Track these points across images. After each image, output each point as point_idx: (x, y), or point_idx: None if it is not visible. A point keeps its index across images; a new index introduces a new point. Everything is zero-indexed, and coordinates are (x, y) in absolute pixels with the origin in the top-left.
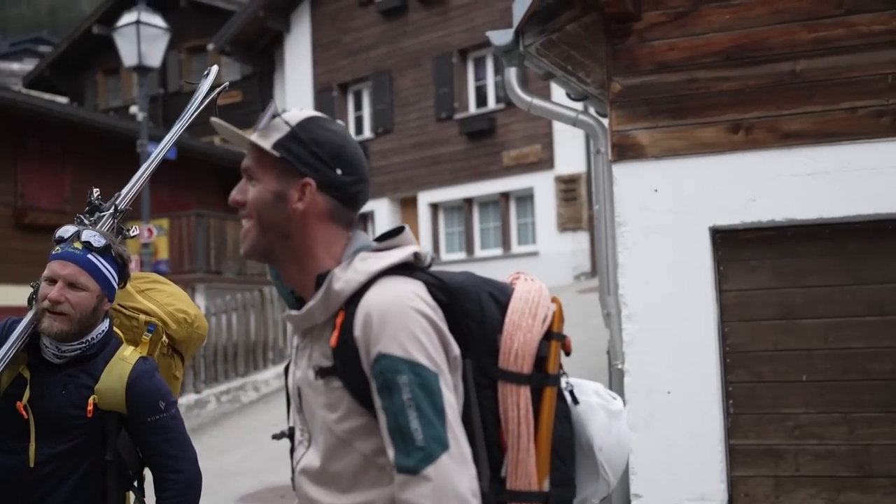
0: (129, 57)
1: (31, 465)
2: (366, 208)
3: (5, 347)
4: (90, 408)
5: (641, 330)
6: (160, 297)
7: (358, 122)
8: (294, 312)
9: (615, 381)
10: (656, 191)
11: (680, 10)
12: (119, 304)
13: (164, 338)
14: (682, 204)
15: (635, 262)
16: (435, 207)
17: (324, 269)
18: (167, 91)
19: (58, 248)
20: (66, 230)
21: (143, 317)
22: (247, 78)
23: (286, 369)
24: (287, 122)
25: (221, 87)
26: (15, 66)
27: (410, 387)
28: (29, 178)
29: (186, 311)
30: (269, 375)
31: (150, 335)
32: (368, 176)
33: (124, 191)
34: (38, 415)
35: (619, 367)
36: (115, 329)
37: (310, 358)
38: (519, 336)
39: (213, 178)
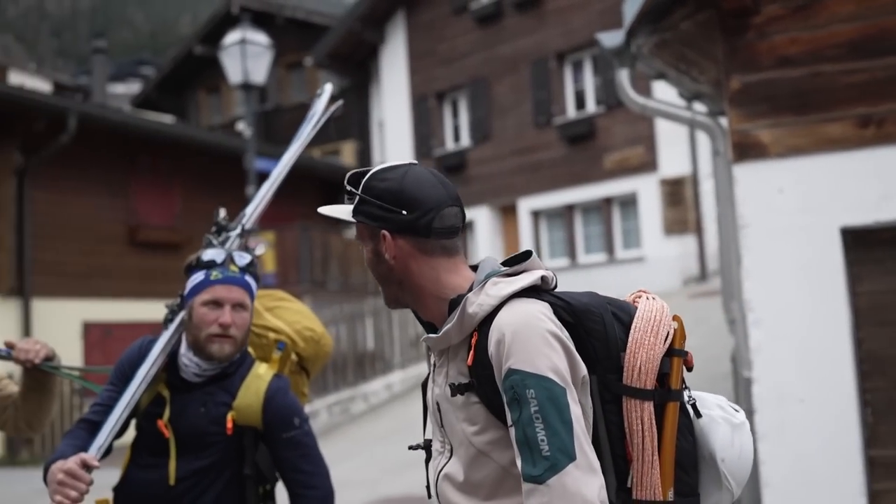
0: (234, 74)
1: (171, 482)
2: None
3: (145, 366)
4: (230, 424)
5: (769, 336)
6: (288, 315)
7: (455, 130)
8: (432, 336)
9: (741, 389)
10: (781, 191)
11: (800, 3)
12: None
13: (293, 355)
14: (809, 204)
15: (761, 266)
16: (536, 214)
17: (440, 297)
18: (267, 107)
19: (215, 272)
20: (214, 254)
21: (272, 335)
22: (344, 91)
23: (423, 385)
24: (355, 191)
25: (336, 105)
26: (120, 87)
27: (538, 400)
28: (141, 196)
29: (313, 328)
30: (378, 386)
31: (280, 353)
32: (443, 200)
33: (249, 210)
34: (179, 432)
35: (747, 375)
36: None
37: (447, 375)
38: (642, 354)
39: (316, 190)
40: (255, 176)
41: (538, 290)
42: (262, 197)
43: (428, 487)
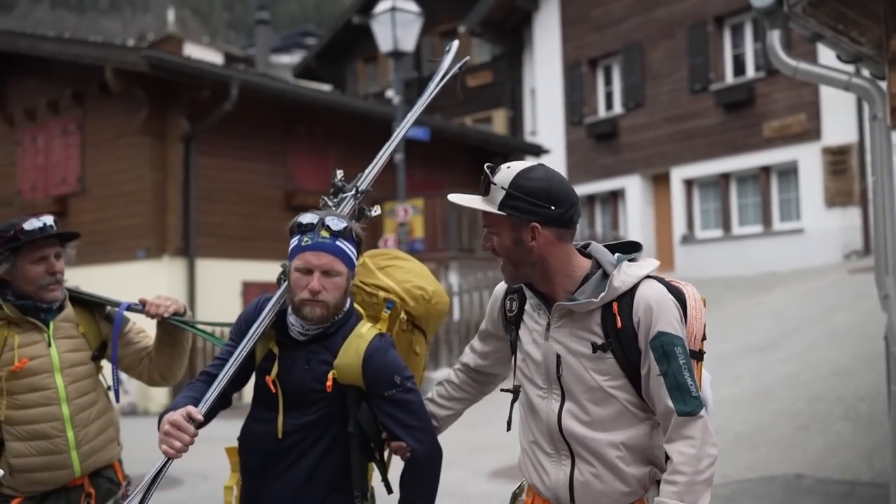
0: (385, 42)
1: (279, 435)
2: (617, 186)
3: (257, 323)
4: (329, 382)
5: None
6: (398, 274)
7: (608, 97)
8: (572, 302)
9: (893, 369)
10: None
11: None
12: (360, 282)
13: (403, 314)
14: None
15: None
16: (689, 183)
17: (568, 275)
18: (421, 75)
19: (306, 238)
20: (309, 218)
21: (382, 293)
22: (497, 59)
23: (513, 344)
24: (502, 187)
25: (463, 62)
26: (285, 58)
27: (684, 355)
28: (297, 162)
29: (424, 287)
30: None
31: (389, 312)
32: (576, 198)
33: (366, 172)
34: (285, 388)
35: None
36: (355, 306)
37: (572, 335)
38: (697, 325)
39: (465, 157)
40: (403, 142)
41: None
42: (379, 158)
43: (509, 422)
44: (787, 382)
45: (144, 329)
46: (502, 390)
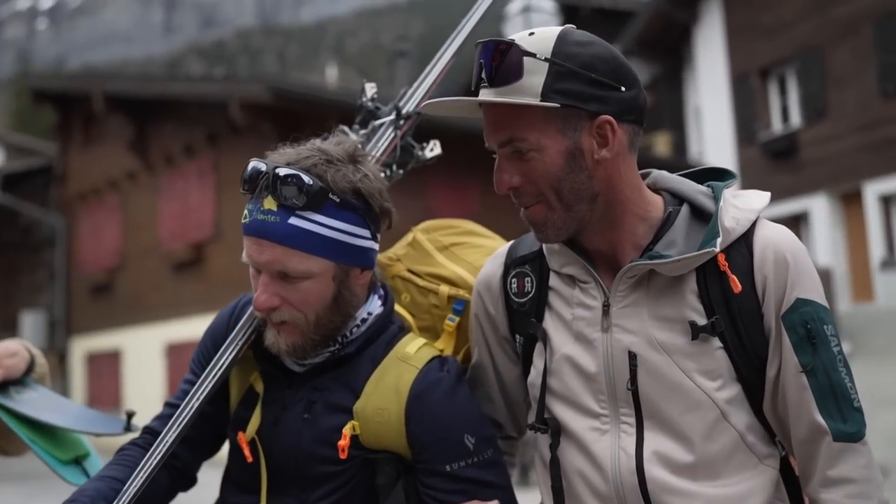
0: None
1: None
2: (799, 208)
3: (227, 342)
4: (344, 443)
5: None
6: (474, 257)
7: (784, 110)
8: (656, 261)
9: None
10: None
11: None
12: (409, 270)
13: None
14: None
15: None
16: (886, 201)
17: (641, 216)
18: None
19: (247, 207)
20: (251, 169)
21: (445, 288)
22: (655, 79)
23: (531, 337)
24: (544, 57)
25: None
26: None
27: (837, 339)
28: (438, 192)
29: None
30: None
31: (457, 319)
32: None
33: (411, 89)
34: (270, 455)
35: None
36: (397, 308)
37: (654, 317)
38: None
39: None
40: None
41: None
42: (428, 72)
43: (558, 480)
44: None
45: None
46: (529, 427)
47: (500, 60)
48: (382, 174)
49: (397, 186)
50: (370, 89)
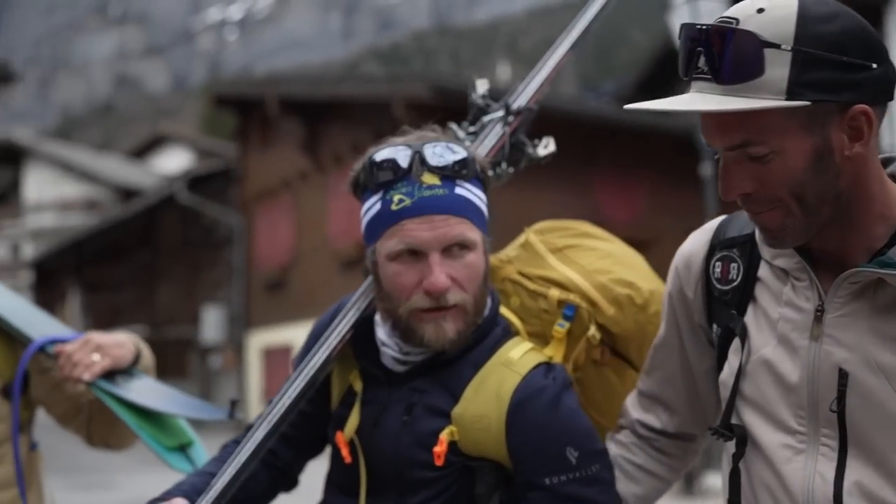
0: None
1: None
2: None
3: (322, 339)
4: (440, 449)
5: None
6: (587, 260)
7: None
8: (888, 271)
9: None
10: None
11: None
12: (519, 273)
13: (594, 329)
14: None
15: None
16: None
17: (880, 216)
18: None
19: (397, 194)
20: (391, 153)
21: (555, 292)
22: None
23: (724, 341)
24: (784, 46)
25: None
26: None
27: None
28: (604, 191)
29: (633, 283)
30: None
31: (568, 325)
32: None
33: (526, 80)
34: (370, 456)
35: None
36: (504, 312)
37: (874, 331)
38: None
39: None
40: (709, 152)
41: None
42: (540, 67)
43: (736, 495)
44: None
45: None
46: (711, 430)
47: (729, 49)
48: (491, 172)
49: (563, 186)
50: (481, 86)
